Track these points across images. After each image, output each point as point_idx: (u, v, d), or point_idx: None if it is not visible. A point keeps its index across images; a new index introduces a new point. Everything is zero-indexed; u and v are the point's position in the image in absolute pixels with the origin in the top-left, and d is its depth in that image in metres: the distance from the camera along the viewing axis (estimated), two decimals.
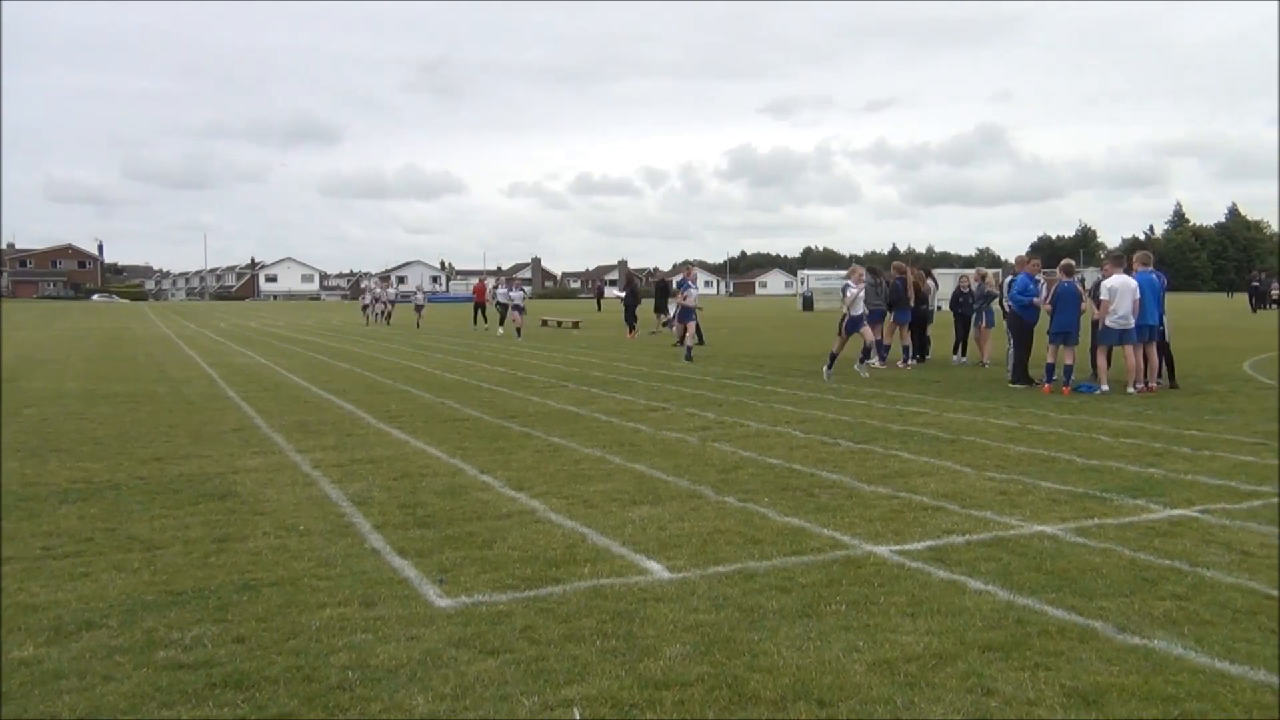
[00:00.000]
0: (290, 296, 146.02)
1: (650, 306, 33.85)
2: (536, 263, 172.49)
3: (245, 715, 3.86)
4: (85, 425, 11.65)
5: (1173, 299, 16.00)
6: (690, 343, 21.04)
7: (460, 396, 14.40)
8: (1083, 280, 15.56)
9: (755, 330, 35.87)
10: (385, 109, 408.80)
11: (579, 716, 3.81)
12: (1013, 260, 17.39)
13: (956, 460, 8.91)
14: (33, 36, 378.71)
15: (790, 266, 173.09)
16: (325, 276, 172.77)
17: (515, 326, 31.23)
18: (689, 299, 21.96)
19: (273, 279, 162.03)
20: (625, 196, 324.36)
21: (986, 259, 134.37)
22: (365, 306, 46.20)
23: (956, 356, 19.35)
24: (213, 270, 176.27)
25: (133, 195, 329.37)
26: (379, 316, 44.01)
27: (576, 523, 6.73)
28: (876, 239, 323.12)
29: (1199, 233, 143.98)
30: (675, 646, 4.48)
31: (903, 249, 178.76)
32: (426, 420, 11.88)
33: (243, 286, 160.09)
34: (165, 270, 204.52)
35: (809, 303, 63.70)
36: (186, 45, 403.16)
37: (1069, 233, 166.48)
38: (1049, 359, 14.53)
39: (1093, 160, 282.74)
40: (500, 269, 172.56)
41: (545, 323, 40.58)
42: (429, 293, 63.63)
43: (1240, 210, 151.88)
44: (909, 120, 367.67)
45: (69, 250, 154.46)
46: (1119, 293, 13.83)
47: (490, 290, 37.27)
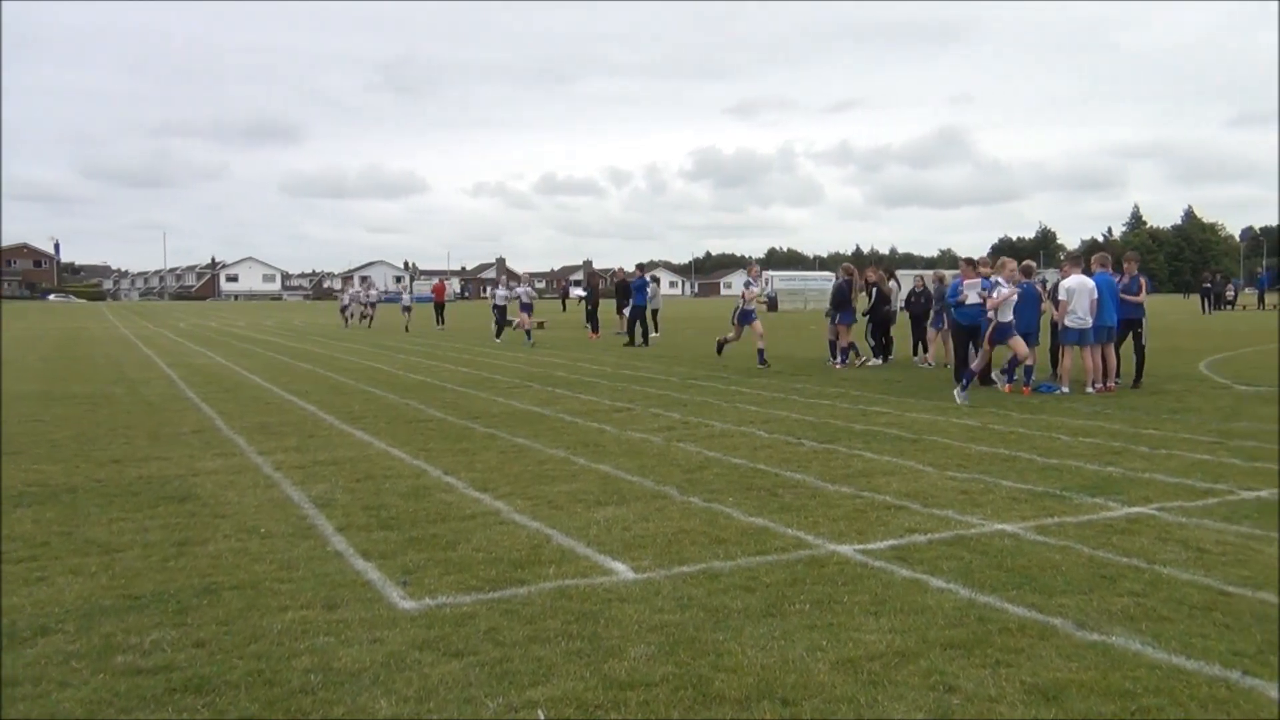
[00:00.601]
0: (252, 296, 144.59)
1: (613, 307, 33.70)
2: (501, 263, 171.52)
3: None
4: (41, 427, 11.47)
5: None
6: (761, 345, 19.06)
7: (424, 397, 14.32)
8: (1043, 281, 15.74)
9: (720, 330, 35.85)
10: (348, 108, 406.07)
11: (543, 718, 3.80)
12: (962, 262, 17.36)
13: (919, 460, 8.99)
14: None
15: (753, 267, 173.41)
16: (287, 276, 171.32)
17: (525, 329, 27.62)
18: (749, 297, 19.43)
19: (234, 279, 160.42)
20: (589, 196, 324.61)
21: (948, 260, 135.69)
22: (344, 308, 44.23)
23: (918, 357, 19.47)
24: (172, 270, 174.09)
25: (89, 193, 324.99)
26: (362, 319, 41.97)
27: (541, 524, 6.71)
28: (840, 240, 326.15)
29: (1156, 235, 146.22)
30: (640, 647, 4.48)
31: (866, 250, 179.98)
32: (390, 421, 11.81)
33: (203, 286, 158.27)
34: (124, 270, 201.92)
35: (774, 304, 64.03)
36: (143, 42, 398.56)
37: (1029, 234, 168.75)
38: (1006, 359, 14.66)
39: (1052, 163, 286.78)
40: (464, 269, 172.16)
41: (510, 323, 40.38)
42: (385, 293, 62.26)
43: (1196, 213, 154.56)
44: (871, 122, 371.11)
45: (24, 250, 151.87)
46: (1076, 293, 14.02)
47: (490, 293, 33.57)
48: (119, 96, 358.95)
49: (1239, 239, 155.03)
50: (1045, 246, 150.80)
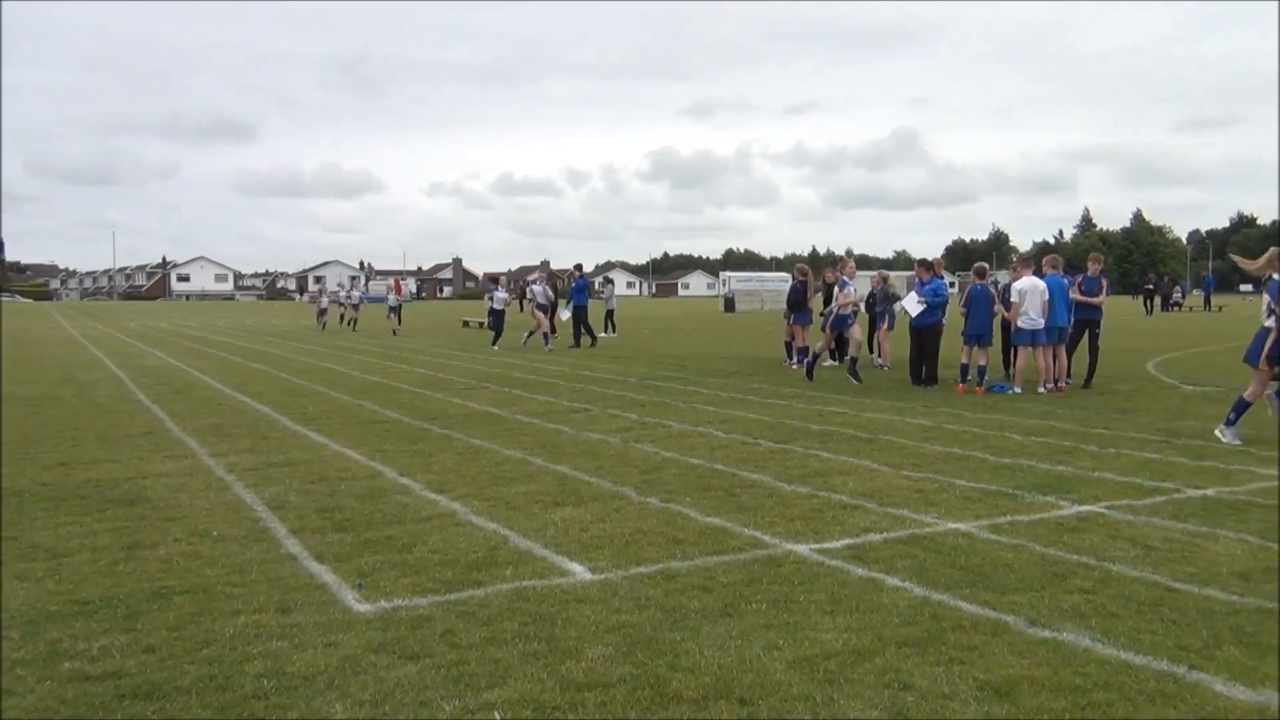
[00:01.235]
0: (204, 296, 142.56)
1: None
2: (457, 263, 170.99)
3: None
4: None
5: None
6: (855, 354, 16.34)
7: (379, 398, 14.21)
8: (995, 283, 15.94)
9: (677, 331, 36.04)
10: (303, 106, 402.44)
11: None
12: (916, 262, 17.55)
13: (874, 459, 9.06)
14: None
15: (712, 268, 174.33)
16: (240, 276, 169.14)
17: (541, 331, 24.38)
18: (848, 301, 16.61)
19: (185, 278, 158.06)
20: (547, 197, 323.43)
21: (903, 262, 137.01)
22: (323, 311, 39.71)
23: (874, 357, 19.58)
24: (122, 269, 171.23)
25: (36, 191, 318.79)
26: (345, 321, 38.89)
27: (498, 525, 6.69)
28: (796, 241, 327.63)
29: (1105, 237, 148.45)
30: (597, 648, 4.47)
31: (822, 251, 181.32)
32: (345, 422, 11.70)
33: (154, 286, 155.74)
34: (72, 269, 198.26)
35: (730, 304, 64.26)
36: (93, 39, 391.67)
37: (982, 236, 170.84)
38: (963, 359, 14.85)
39: (1005, 166, 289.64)
40: (420, 269, 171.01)
41: (466, 324, 40.25)
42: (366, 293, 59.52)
43: (1144, 215, 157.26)
44: (827, 124, 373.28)
45: None
46: (1027, 294, 14.23)
47: (489, 296, 27.68)
48: (68, 92, 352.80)
49: (1186, 242, 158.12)
50: (998, 248, 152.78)
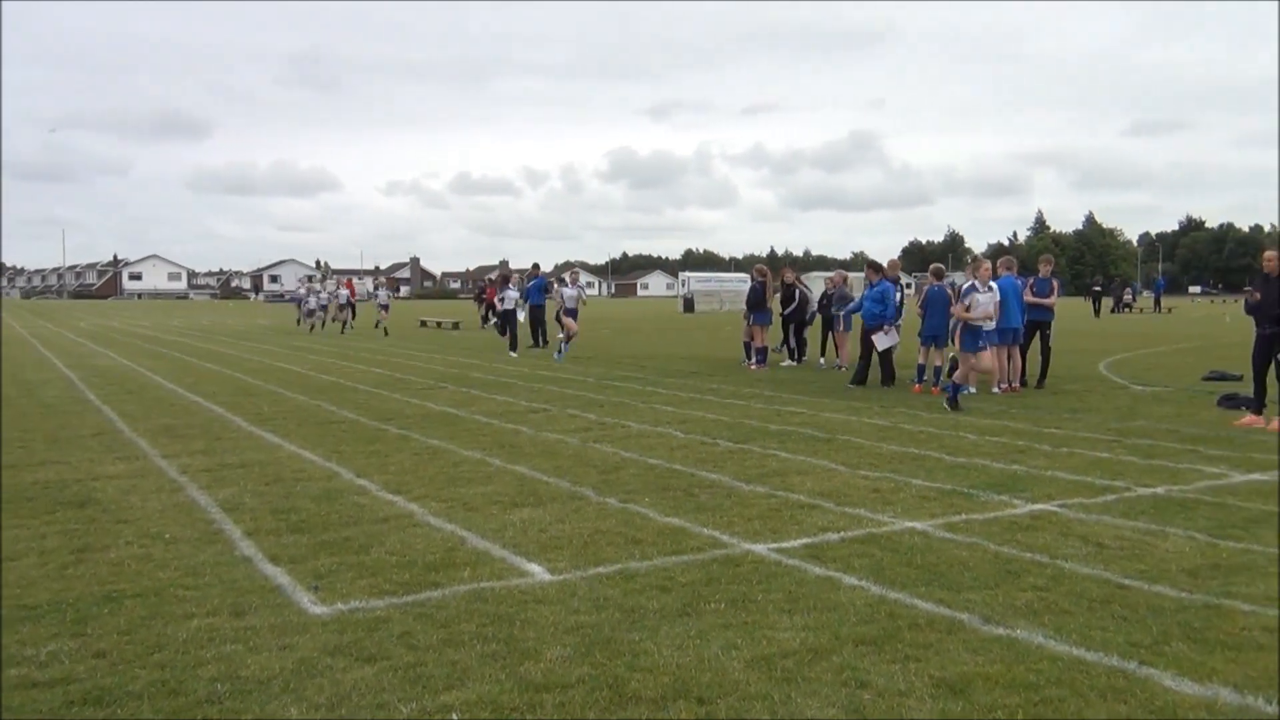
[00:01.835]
0: (156, 295, 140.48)
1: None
2: (415, 262, 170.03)
3: None
4: None
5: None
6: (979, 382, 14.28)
7: (335, 398, 14.08)
8: (953, 284, 16.11)
9: (637, 331, 36.05)
10: (257, 102, 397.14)
11: None
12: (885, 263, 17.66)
13: (832, 459, 9.13)
14: None
15: (671, 268, 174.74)
16: (194, 275, 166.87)
17: (567, 335, 21.29)
18: (982, 313, 13.29)
19: (137, 277, 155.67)
20: (505, 196, 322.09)
21: (859, 263, 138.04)
22: (311, 312, 36.25)
23: (825, 359, 19.64)
24: (71, 267, 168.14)
25: None
26: (335, 321, 36.01)
27: (456, 526, 6.65)
28: (754, 242, 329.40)
29: (1058, 239, 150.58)
30: (556, 648, 4.47)
31: (780, 252, 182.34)
32: (300, 423, 11.58)
33: (105, 284, 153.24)
34: (19, 267, 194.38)
35: (690, 304, 64.43)
36: (41, 32, 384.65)
37: (938, 238, 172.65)
38: (920, 360, 14.99)
39: (960, 168, 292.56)
40: (378, 268, 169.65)
41: (424, 323, 40.03)
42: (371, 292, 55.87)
43: (1096, 218, 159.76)
44: (785, 125, 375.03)
45: None
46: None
47: (501, 295, 25.13)
48: (14, 87, 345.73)
49: (1136, 244, 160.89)
50: (954, 250, 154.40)
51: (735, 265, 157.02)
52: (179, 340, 30.52)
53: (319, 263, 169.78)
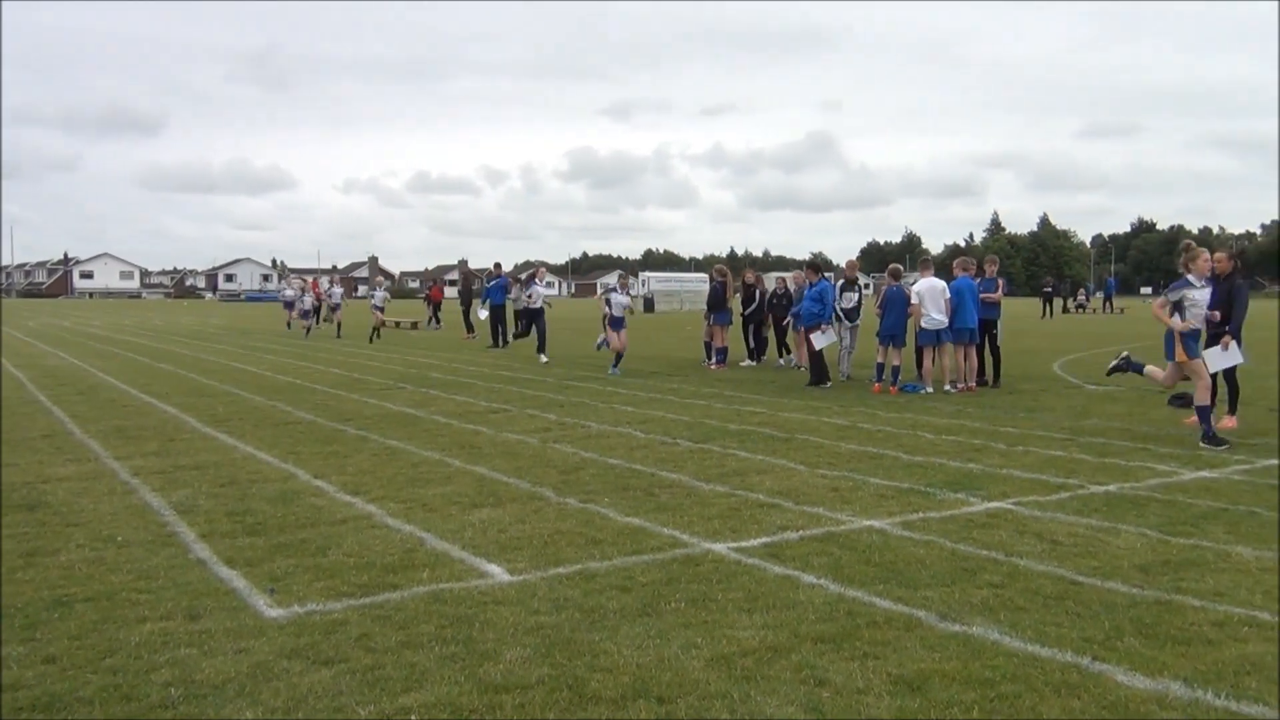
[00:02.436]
0: (108, 294, 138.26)
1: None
2: (373, 261, 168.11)
3: None
4: None
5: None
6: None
7: (292, 399, 13.93)
8: (911, 284, 16.26)
9: (597, 331, 35.94)
10: (210, 100, 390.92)
11: None
12: (843, 264, 17.86)
13: (791, 458, 9.17)
14: None
15: (632, 268, 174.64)
16: (147, 274, 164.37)
17: (615, 349, 18.28)
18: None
19: (89, 275, 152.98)
20: (464, 195, 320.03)
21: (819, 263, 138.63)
22: (305, 313, 33.91)
23: (782, 359, 19.70)
24: (20, 265, 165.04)
25: None
26: (326, 322, 34.50)
27: (415, 527, 6.61)
28: (714, 242, 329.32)
29: (1014, 241, 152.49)
30: (515, 649, 4.45)
31: (740, 252, 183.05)
32: (256, 424, 11.45)
33: (55, 283, 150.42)
34: None
35: (650, 304, 64.49)
36: None
37: (896, 239, 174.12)
38: (878, 359, 15.12)
39: (917, 170, 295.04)
40: (335, 267, 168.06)
41: (385, 323, 39.62)
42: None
43: (1050, 220, 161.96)
44: (744, 126, 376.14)
45: None
46: (926, 295, 14.55)
47: (518, 294, 22.92)
48: None
49: (1090, 245, 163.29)
50: (911, 250, 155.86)
51: (695, 265, 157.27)
52: (132, 340, 30.06)
53: (275, 262, 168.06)
